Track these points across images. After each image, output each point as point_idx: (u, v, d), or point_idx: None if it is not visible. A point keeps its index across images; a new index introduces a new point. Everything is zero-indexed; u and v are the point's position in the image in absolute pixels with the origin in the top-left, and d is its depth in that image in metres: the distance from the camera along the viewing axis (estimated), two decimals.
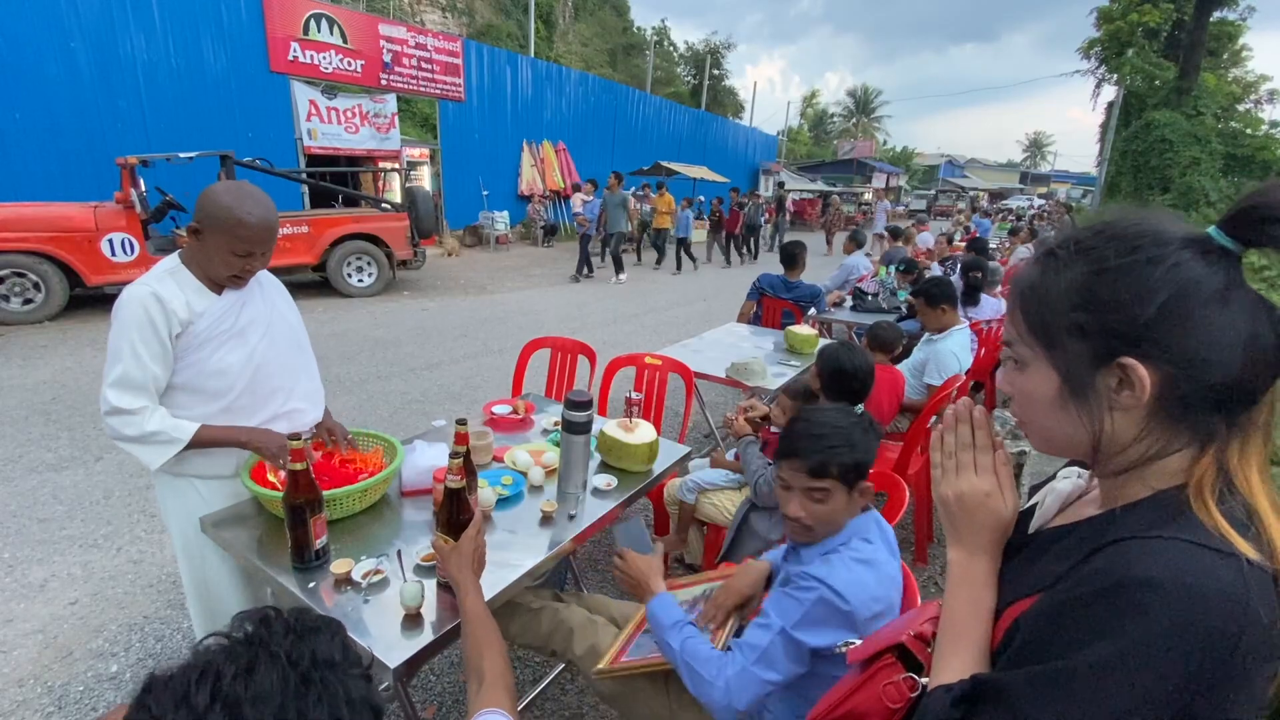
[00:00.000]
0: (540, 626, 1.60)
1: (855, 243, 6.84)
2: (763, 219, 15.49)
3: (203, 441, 1.54)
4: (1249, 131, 14.70)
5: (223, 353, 1.57)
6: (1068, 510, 0.75)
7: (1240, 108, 17.85)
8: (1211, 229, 0.61)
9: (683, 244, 11.92)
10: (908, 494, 1.91)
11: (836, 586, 1.20)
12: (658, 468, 2.02)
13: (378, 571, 1.37)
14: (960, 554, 0.74)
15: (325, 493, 1.48)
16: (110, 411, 1.47)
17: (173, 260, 1.57)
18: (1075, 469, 0.79)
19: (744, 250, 14.37)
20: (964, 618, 0.70)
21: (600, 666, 1.43)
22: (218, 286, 1.59)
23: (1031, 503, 0.80)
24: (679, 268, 12.08)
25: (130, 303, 1.46)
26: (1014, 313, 0.69)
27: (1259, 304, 0.59)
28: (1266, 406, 0.61)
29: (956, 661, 0.68)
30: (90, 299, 6.69)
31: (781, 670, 1.19)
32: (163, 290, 1.49)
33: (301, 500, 1.32)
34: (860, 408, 1.83)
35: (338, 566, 1.36)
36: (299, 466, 1.30)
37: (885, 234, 16.15)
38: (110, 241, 6.31)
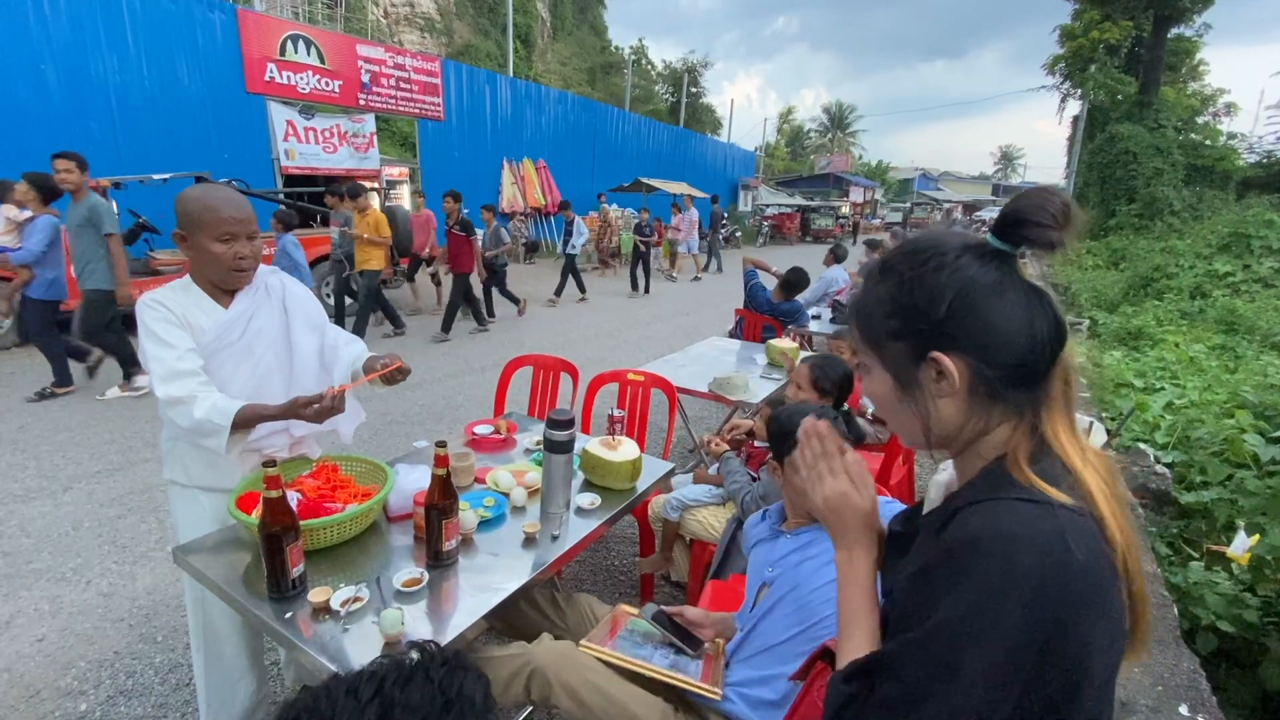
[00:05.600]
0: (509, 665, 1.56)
1: (835, 256, 6.94)
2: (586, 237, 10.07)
3: (246, 420, 1.52)
4: (1208, 143, 15.20)
5: (228, 368, 1.60)
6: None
7: (1199, 120, 18.49)
8: (988, 234, 0.72)
9: (372, 296, 6.81)
10: None
11: None
12: (641, 485, 2.02)
13: (357, 599, 1.34)
14: (842, 554, 0.83)
15: (313, 521, 1.46)
16: (166, 404, 1.49)
17: (184, 279, 1.64)
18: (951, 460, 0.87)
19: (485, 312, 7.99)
20: (855, 608, 0.79)
21: (584, 642, 1.44)
22: (225, 297, 1.63)
23: (923, 498, 0.88)
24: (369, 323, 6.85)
25: (140, 310, 1.55)
26: (851, 327, 0.80)
27: (1031, 292, 0.70)
28: (1060, 379, 0.71)
29: (853, 646, 0.76)
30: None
31: None
32: (162, 296, 1.56)
33: (278, 528, 1.30)
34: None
35: (315, 595, 1.33)
36: (274, 494, 1.28)
37: (694, 255, 13.44)
38: None
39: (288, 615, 1.32)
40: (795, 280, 4.78)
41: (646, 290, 11.13)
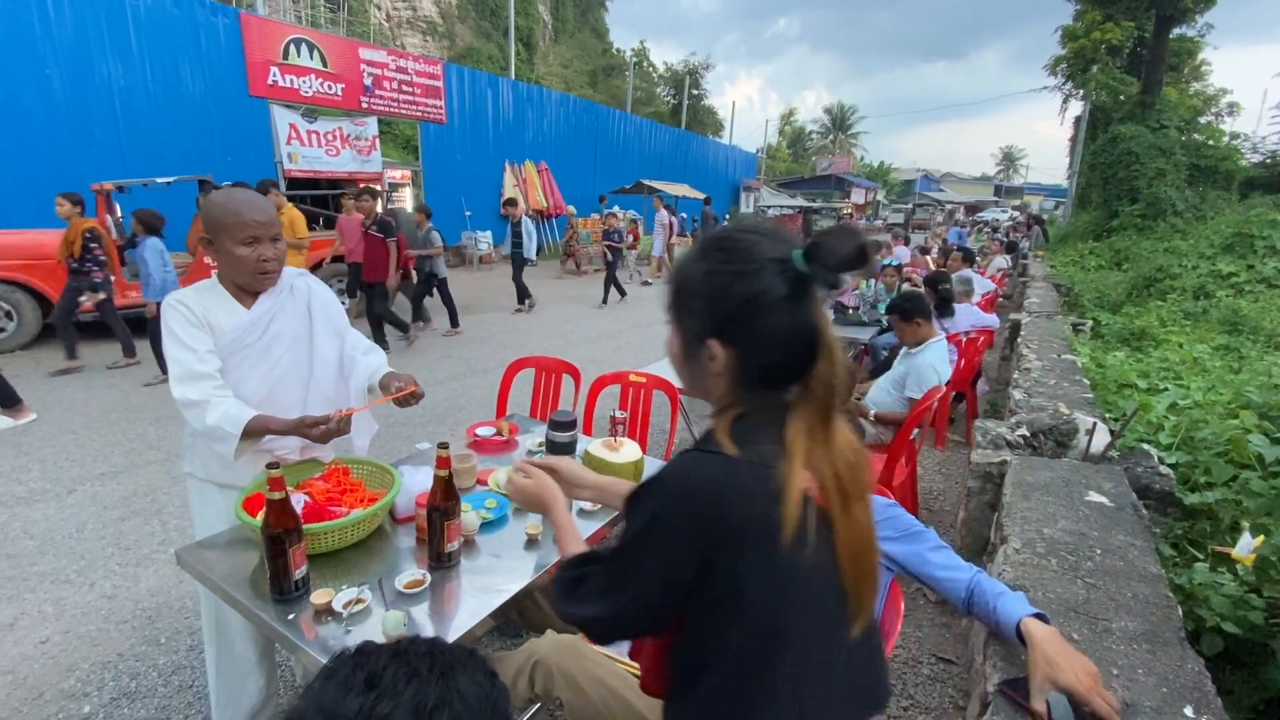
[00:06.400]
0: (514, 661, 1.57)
1: None
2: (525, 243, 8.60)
3: (255, 431, 1.55)
4: (1211, 143, 15.14)
5: (244, 369, 1.63)
6: None
7: (1202, 120, 18.43)
8: (795, 253, 0.82)
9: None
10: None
11: None
12: None
13: (359, 601, 1.34)
14: (549, 519, 1.21)
15: (315, 525, 1.46)
16: (181, 405, 1.54)
17: (211, 279, 1.68)
18: None
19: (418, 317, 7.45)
20: (566, 537, 1.13)
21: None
22: (249, 298, 1.66)
23: None
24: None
25: (164, 310, 1.58)
26: (669, 287, 0.93)
27: (809, 313, 0.82)
28: (819, 387, 0.84)
29: (571, 550, 1.08)
30: None
31: None
32: (185, 296, 1.60)
33: (280, 530, 1.30)
34: None
35: (318, 597, 1.33)
36: (277, 496, 1.28)
37: (660, 258, 11.98)
38: None
39: (290, 617, 1.32)
40: None
41: (604, 301, 9.97)
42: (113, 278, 5.69)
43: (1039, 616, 1.22)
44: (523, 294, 9.02)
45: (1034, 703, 1.09)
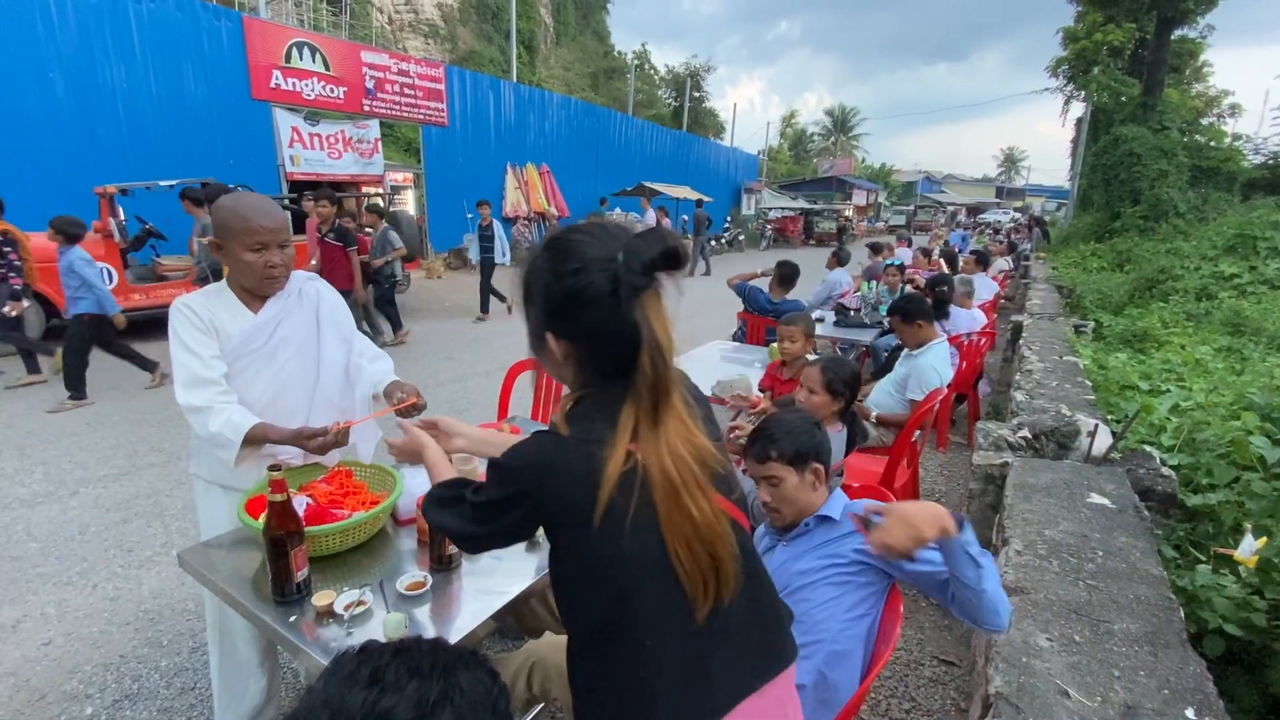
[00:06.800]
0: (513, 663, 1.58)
1: (838, 259, 6.95)
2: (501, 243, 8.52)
3: (255, 439, 1.56)
4: (1213, 144, 15.11)
5: (249, 374, 1.63)
6: None
7: (1204, 122, 18.41)
8: (620, 253, 0.86)
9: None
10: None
11: None
12: None
13: (360, 603, 1.35)
14: (423, 465, 1.34)
15: (317, 528, 1.46)
16: (185, 410, 1.55)
17: (220, 283, 1.68)
18: None
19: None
20: (438, 472, 1.26)
21: None
22: (256, 302, 1.66)
23: None
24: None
25: (171, 314, 1.59)
26: (519, 278, 1.00)
27: (627, 309, 0.85)
28: (644, 383, 0.87)
29: (443, 475, 1.23)
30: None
31: None
32: (193, 301, 1.60)
33: (282, 533, 1.30)
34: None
35: (320, 599, 1.33)
36: (279, 498, 1.28)
37: None
38: None
39: (292, 619, 1.32)
40: (789, 273, 4.82)
41: None
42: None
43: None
44: (486, 303, 8.58)
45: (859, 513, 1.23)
